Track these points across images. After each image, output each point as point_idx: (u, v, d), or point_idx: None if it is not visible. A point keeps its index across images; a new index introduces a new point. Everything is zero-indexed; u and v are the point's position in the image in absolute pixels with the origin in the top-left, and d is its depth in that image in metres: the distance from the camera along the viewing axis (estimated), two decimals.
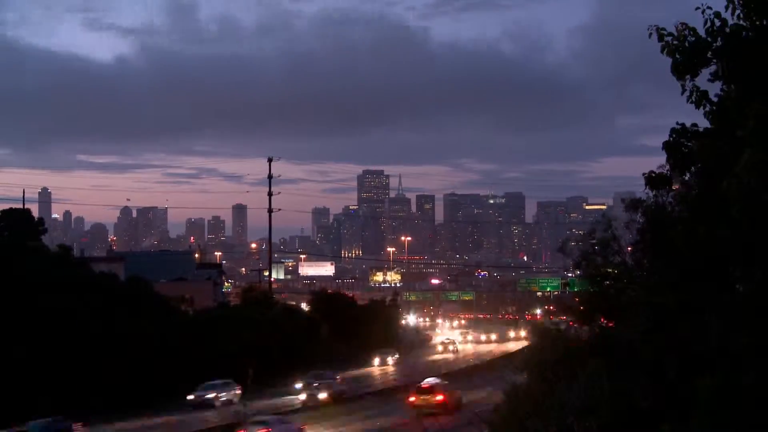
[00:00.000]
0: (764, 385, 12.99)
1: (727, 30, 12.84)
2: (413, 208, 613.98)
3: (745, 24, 12.82)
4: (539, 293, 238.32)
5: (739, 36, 12.84)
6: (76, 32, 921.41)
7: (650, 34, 13.33)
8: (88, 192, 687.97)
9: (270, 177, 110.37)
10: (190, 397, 64.90)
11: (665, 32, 13.28)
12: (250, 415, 51.39)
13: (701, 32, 13.08)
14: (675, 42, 13.18)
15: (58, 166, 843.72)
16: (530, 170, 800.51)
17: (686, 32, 13.15)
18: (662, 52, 13.29)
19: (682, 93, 13.29)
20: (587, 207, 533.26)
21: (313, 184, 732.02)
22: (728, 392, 13.42)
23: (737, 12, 12.74)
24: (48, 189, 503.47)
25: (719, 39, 12.92)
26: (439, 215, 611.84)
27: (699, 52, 13.07)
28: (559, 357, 22.41)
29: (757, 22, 12.75)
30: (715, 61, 13.13)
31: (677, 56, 13.16)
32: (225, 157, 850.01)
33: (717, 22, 12.87)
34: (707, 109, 13.40)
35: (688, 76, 13.23)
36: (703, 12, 12.94)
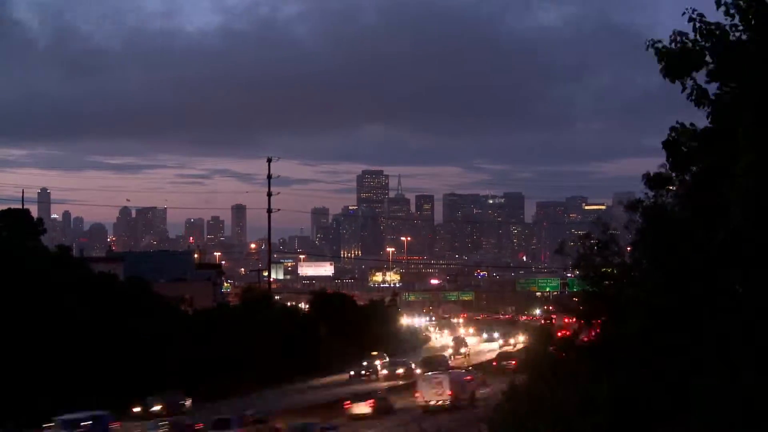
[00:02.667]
0: (763, 385, 12.99)
1: (717, 32, 12.88)
2: (413, 208, 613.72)
3: (737, 23, 12.84)
4: (538, 293, 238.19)
5: (728, 37, 12.86)
6: None
7: (647, 47, 13.42)
8: (96, 193, 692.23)
9: (269, 177, 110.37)
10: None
11: (660, 45, 13.40)
12: None
13: (693, 36, 13.15)
14: (666, 48, 13.25)
15: (71, 167, 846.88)
16: (540, 171, 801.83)
17: (678, 38, 13.21)
18: (659, 62, 13.37)
19: (683, 91, 13.29)
20: (586, 207, 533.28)
21: (321, 185, 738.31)
22: (727, 392, 13.42)
23: (730, 11, 12.75)
24: (47, 189, 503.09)
25: (710, 41, 12.96)
26: (439, 215, 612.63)
27: (688, 56, 13.11)
28: (559, 357, 22.42)
29: (752, 20, 12.74)
30: (707, 62, 13.16)
31: (669, 61, 13.21)
32: (237, 158, 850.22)
33: (703, 26, 12.94)
34: (707, 108, 13.41)
35: (682, 78, 13.26)
36: (690, 18, 13.01)
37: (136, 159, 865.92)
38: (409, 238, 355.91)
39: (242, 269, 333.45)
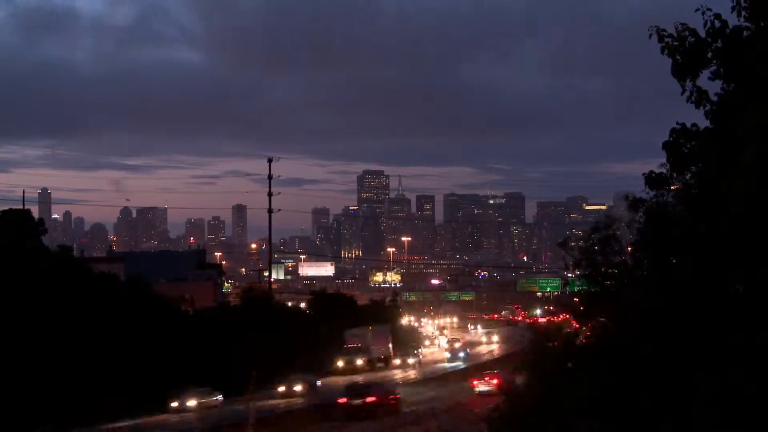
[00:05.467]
0: (764, 385, 13.01)
1: (728, 31, 12.85)
2: (413, 208, 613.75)
3: (749, 25, 12.81)
4: (539, 293, 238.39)
5: (740, 36, 12.84)
6: None
7: (650, 35, 13.33)
8: (105, 194, 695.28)
9: (270, 177, 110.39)
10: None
11: (665, 33, 13.27)
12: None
13: (701, 33, 13.08)
14: (675, 43, 13.17)
15: (86, 167, 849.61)
16: (550, 171, 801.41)
17: (686, 33, 13.14)
18: (662, 53, 13.29)
19: (682, 93, 13.29)
20: (587, 207, 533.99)
21: (332, 185, 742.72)
22: (728, 392, 13.43)
23: (743, 13, 12.72)
24: (48, 189, 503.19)
25: (719, 40, 12.92)
26: (439, 216, 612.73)
27: (699, 53, 13.07)
28: (559, 357, 22.43)
29: (762, 23, 12.74)
30: (715, 61, 13.12)
31: (677, 57, 13.15)
32: (251, 158, 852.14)
33: (717, 23, 12.87)
34: (707, 108, 13.41)
35: (688, 77, 13.22)
36: (703, 13, 12.94)
37: (150, 160, 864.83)
38: (409, 239, 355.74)
39: (243, 269, 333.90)
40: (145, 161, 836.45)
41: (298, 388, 72.74)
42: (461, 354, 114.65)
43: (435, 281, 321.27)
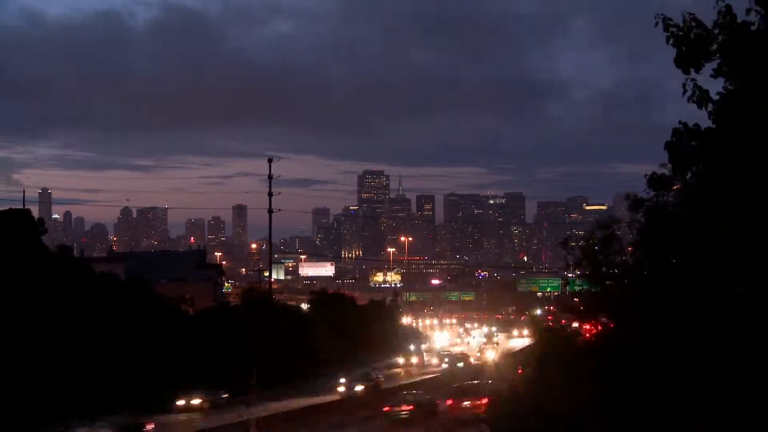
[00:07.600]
0: (764, 385, 13.00)
1: (735, 26, 12.78)
2: (413, 208, 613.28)
3: (759, 9, 12.73)
4: (539, 293, 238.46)
5: (748, 30, 12.77)
6: None
7: (656, 23, 13.24)
8: (110, 194, 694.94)
9: (270, 177, 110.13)
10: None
11: (671, 22, 13.18)
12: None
13: (708, 23, 13.00)
14: (680, 33, 13.08)
15: (96, 167, 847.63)
16: (560, 172, 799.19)
17: (692, 23, 13.06)
18: (667, 42, 13.22)
19: (684, 93, 13.24)
20: (587, 207, 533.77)
21: (339, 185, 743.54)
22: (728, 392, 13.42)
23: (754, 7, 12.66)
24: (48, 189, 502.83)
25: (726, 33, 12.85)
26: (440, 216, 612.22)
27: (704, 45, 13.00)
28: (560, 357, 22.44)
29: None
30: (719, 55, 13.05)
31: (682, 48, 13.07)
32: (261, 158, 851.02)
33: (727, 18, 12.78)
34: (709, 108, 13.36)
35: (692, 70, 13.15)
36: (716, 3, 12.85)
37: (159, 161, 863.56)
38: (409, 239, 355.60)
39: (243, 269, 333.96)
40: (155, 162, 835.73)
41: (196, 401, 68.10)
42: None
43: (435, 281, 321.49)
